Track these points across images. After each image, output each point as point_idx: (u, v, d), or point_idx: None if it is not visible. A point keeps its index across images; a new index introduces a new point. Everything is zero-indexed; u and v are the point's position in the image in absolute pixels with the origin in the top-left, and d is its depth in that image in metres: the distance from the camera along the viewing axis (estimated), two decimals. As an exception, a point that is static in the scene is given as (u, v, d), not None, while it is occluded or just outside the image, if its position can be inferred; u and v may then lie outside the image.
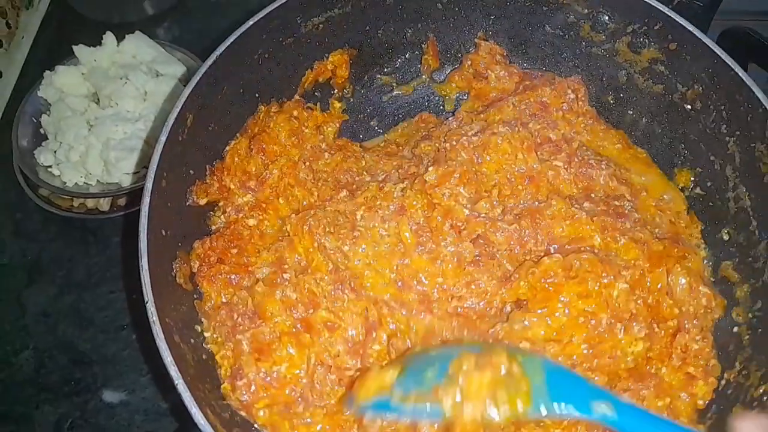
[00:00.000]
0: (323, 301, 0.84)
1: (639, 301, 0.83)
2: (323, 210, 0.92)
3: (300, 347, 0.82)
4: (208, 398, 0.72)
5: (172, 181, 0.83)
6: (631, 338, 0.82)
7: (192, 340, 0.80)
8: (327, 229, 0.90)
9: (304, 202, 0.96)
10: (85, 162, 1.27)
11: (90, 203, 1.30)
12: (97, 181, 1.29)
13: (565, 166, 0.94)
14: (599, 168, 0.94)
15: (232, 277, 0.88)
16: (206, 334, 0.86)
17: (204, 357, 0.81)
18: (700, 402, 0.81)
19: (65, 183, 1.28)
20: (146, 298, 0.71)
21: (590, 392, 0.65)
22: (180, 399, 0.68)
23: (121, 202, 1.29)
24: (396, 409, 0.69)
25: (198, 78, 0.85)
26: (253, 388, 0.79)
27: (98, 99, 1.36)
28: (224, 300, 0.88)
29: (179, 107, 0.82)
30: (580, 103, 1.02)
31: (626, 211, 0.89)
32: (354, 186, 0.96)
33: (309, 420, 0.81)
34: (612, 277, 0.82)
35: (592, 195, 0.93)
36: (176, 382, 0.67)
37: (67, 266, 1.26)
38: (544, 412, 0.64)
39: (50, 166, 1.30)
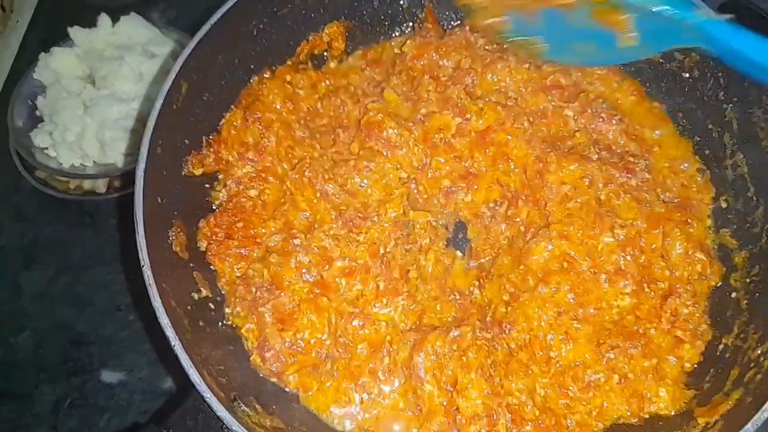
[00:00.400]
0: (336, 252, 0.86)
1: (629, 258, 0.83)
2: (319, 159, 0.92)
3: (319, 312, 0.84)
4: (206, 363, 0.72)
5: (168, 149, 0.83)
6: (616, 291, 0.83)
7: (189, 307, 0.80)
8: (326, 176, 0.91)
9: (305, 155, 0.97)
10: (80, 143, 1.27)
11: (87, 185, 1.29)
12: (94, 162, 1.29)
13: (575, 117, 0.93)
14: (610, 123, 0.93)
15: (242, 251, 0.89)
16: (227, 310, 0.87)
17: (201, 324, 0.81)
18: (687, 365, 0.82)
19: (61, 164, 1.27)
20: (142, 263, 0.71)
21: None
22: (179, 362, 0.68)
23: (118, 183, 1.29)
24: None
25: (192, 46, 0.84)
26: (281, 357, 0.81)
27: (94, 80, 1.35)
28: (238, 274, 0.89)
29: (174, 74, 0.82)
30: None
31: (637, 169, 0.89)
32: (346, 121, 0.98)
33: (336, 374, 0.83)
34: (598, 230, 0.83)
35: (612, 147, 0.93)
36: (173, 343, 0.67)
37: (65, 248, 1.26)
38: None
39: (46, 148, 1.29)
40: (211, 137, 0.94)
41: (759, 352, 0.75)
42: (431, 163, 0.95)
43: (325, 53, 1.08)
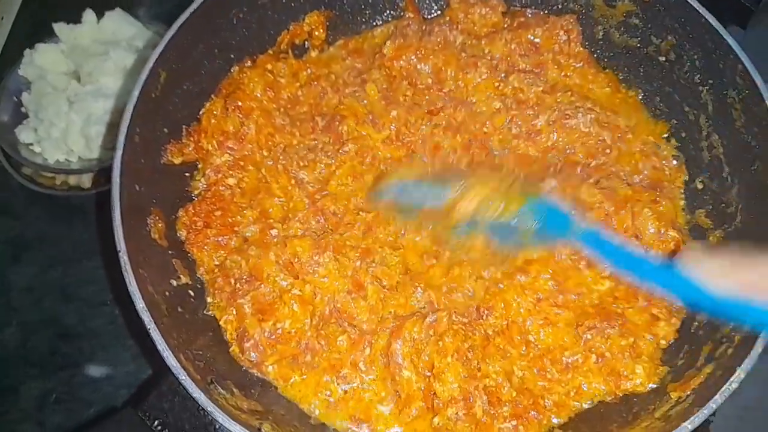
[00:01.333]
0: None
1: None
2: (296, 146, 0.94)
3: (303, 303, 0.84)
4: (182, 347, 0.72)
5: (146, 138, 0.84)
6: (596, 275, 0.85)
7: (167, 293, 0.81)
8: (301, 164, 0.92)
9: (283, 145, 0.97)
10: (65, 138, 1.27)
11: (72, 180, 1.30)
12: (79, 157, 1.29)
13: (546, 122, 0.96)
14: (576, 118, 0.95)
15: (220, 239, 0.89)
16: (209, 300, 0.88)
17: (180, 310, 0.81)
18: (663, 342, 0.82)
19: (46, 160, 1.28)
20: (119, 248, 0.72)
21: (569, 230, 0.74)
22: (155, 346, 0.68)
23: (103, 179, 1.29)
24: (406, 194, 0.85)
25: (171, 35, 0.85)
26: (260, 347, 0.82)
27: (79, 76, 1.35)
28: (216, 263, 0.89)
29: (152, 63, 0.82)
30: (572, 44, 1.02)
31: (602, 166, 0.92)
32: (325, 109, 0.99)
33: (316, 366, 0.83)
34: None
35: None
36: (148, 326, 0.67)
37: (51, 243, 1.26)
38: (524, 219, 0.75)
39: (31, 144, 1.30)
40: (191, 126, 0.94)
41: (730, 327, 0.76)
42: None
43: (306, 43, 1.09)
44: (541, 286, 0.83)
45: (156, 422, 0.66)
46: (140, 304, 0.69)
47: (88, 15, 1.38)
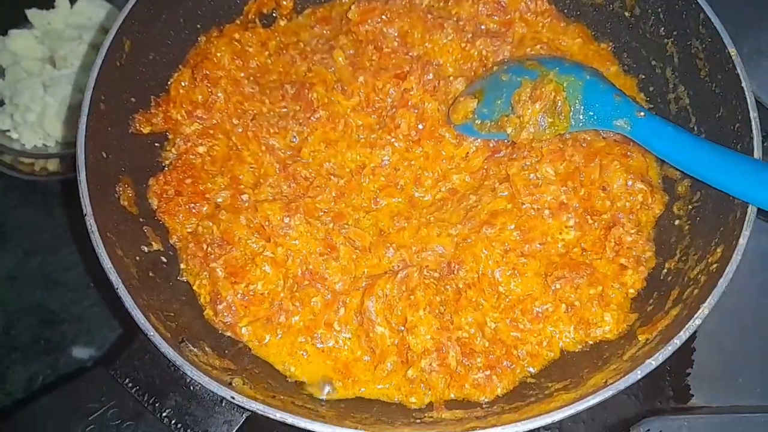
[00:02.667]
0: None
1: (570, 191, 0.85)
2: (267, 114, 0.95)
3: (275, 266, 0.85)
4: (153, 307, 0.73)
5: (112, 106, 0.83)
6: (560, 225, 0.85)
7: (138, 258, 0.81)
8: (272, 131, 0.92)
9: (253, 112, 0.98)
10: (41, 122, 1.27)
11: (51, 166, 1.30)
12: (56, 142, 1.29)
13: None
14: None
15: (191, 206, 0.90)
16: (182, 266, 0.88)
17: (151, 275, 0.81)
18: (631, 291, 0.83)
19: (24, 146, 1.28)
20: (85, 211, 0.72)
21: (615, 112, 0.84)
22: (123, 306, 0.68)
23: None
24: (477, 134, 0.93)
25: (133, 3, 0.84)
26: (233, 309, 0.82)
27: (54, 62, 1.35)
28: (189, 230, 0.89)
29: (115, 31, 0.82)
30: (539, 2, 1.02)
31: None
32: (294, 77, 0.99)
33: (291, 326, 0.84)
34: (536, 159, 0.86)
35: None
36: (116, 286, 0.68)
37: (32, 229, 1.26)
38: (577, 128, 0.86)
39: (8, 131, 1.30)
40: (159, 97, 0.94)
41: (697, 270, 0.77)
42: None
43: (274, 12, 1.08)
44: (508, 237, 0.84)
45: (127, 380, 0.66)
46: (107, 264, 0.69)
47: (62, 0, 1.37)
